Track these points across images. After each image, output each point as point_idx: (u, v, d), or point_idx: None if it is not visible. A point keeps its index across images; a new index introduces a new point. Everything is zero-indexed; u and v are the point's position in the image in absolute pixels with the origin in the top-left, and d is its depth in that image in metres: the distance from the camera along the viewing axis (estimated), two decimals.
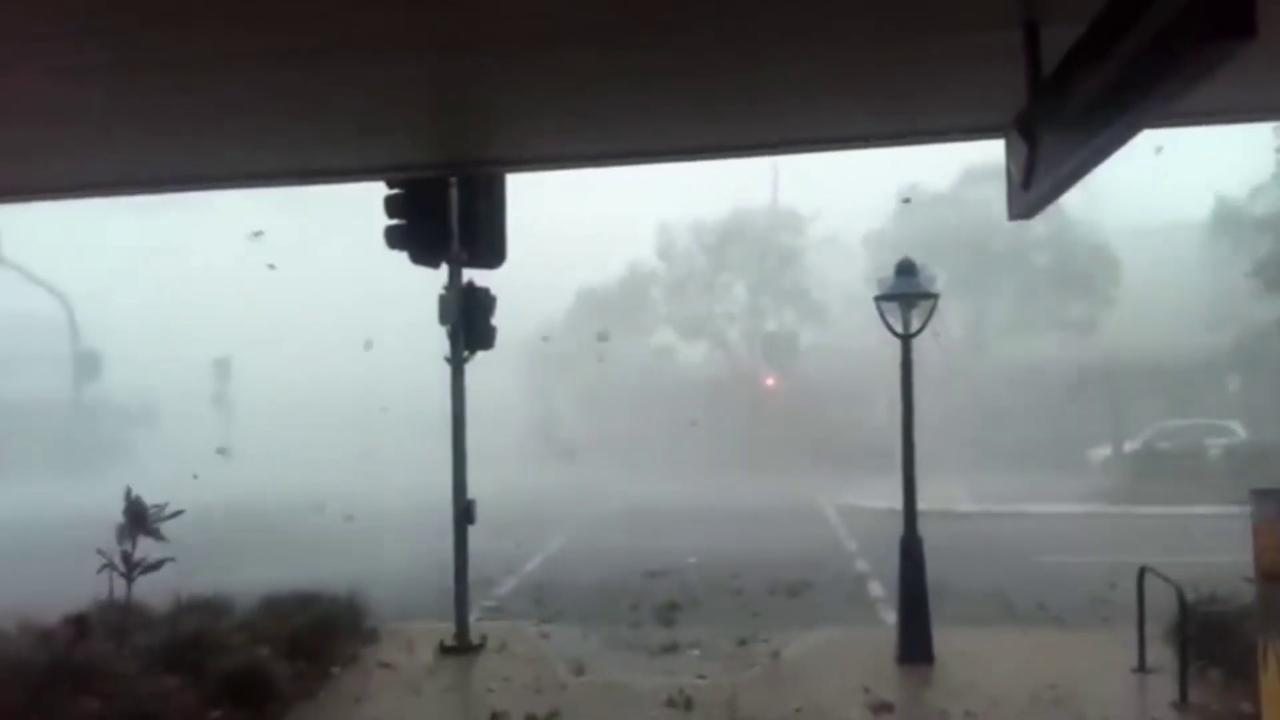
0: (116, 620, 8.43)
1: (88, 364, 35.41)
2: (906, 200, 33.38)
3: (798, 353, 37.40)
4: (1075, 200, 34.86)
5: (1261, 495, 5.24)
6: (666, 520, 20.70)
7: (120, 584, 8.79)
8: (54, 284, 37.38)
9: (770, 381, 37.65)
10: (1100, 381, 28.37)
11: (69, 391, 35.42)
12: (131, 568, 8.88)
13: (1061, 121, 3.61)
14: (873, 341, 8.35)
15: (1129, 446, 24.86)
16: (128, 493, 9.27)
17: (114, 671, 7.06)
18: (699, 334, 41.44)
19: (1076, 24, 3.43)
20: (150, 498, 9.26)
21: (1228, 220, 34.25)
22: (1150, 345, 29.03)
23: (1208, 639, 7.24)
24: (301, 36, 4.09)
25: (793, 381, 36.84)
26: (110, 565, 8.84)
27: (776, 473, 29.73)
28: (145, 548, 8.88)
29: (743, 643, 9.18)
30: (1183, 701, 6.86)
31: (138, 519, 8.89)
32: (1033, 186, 4.01)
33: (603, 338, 35.96)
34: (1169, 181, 33.69)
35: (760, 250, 41.32)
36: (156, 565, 8.87)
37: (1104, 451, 25.67)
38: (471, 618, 9.86)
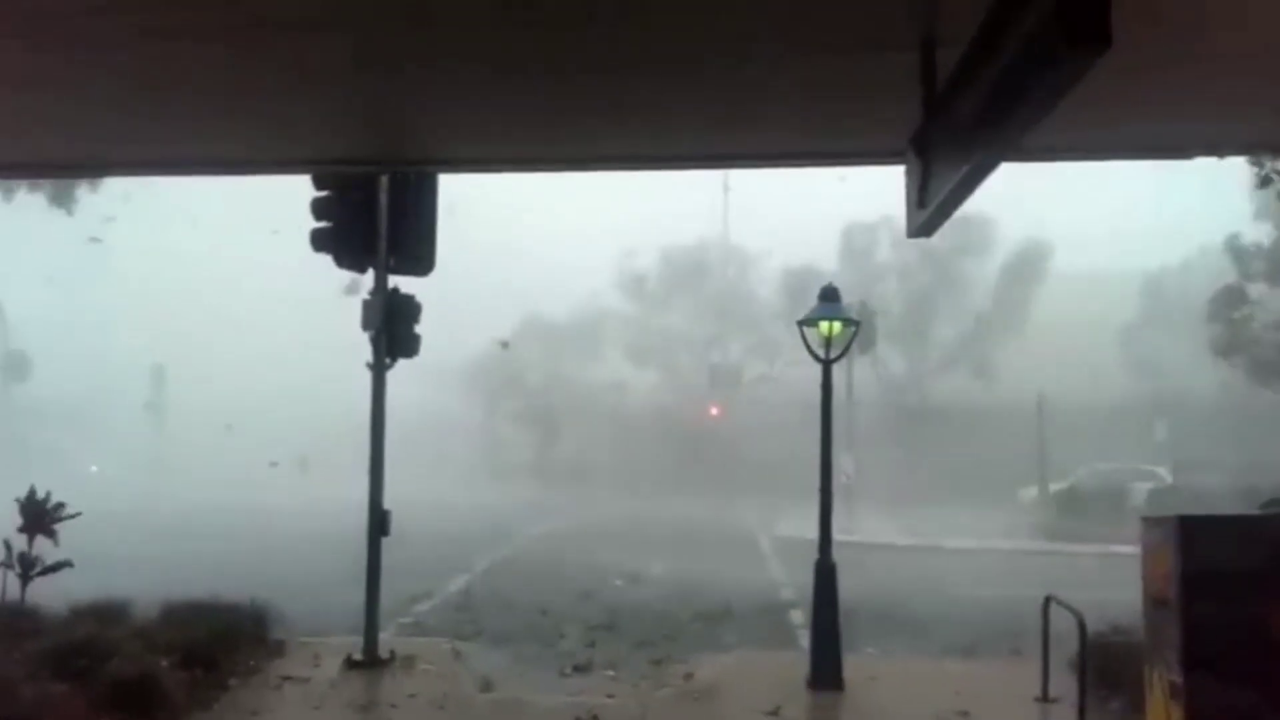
0: (7, 622, 8.10)
1: (15, 365, 34.32)
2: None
3: (742, 383, 37.63)
4: (1015, 244, 35.76)
5: (1150, 523, 5.29)
6: (599, 543, 20.56)
7: (17, 586, 8.49)
8: None
9: (714, 411, 37.75)
10: (1032, 423, 28.93)
11: None
12: (28, 568, 8.58)
13: (949, 140, 3.66)
14: (817, 373, 8.45)
15: (1055, 487, 25.36)
16: (30, 492, 8.99)
17: None
18: (649, 363, 41.70)
19: (966, 43, 3.48)
20: (72, 500, 9.01)
21: (1163, 275, 35.41)
22: (1079, 391, 29.71)
23: (1110, 669, 7.31)
24: (218, 11, 3.98)
25: (737, 411, 37.01)
26: (5, 564, 8.53)
27: (715, 500, 29.75)
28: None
29: (658, 663, 9.11)
30: None
31: (34, 519, 8.61)
32: (926, 205, 4.05)
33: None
34: (1114, 231, 34.75)
35: (709, 283, 41.88)
36: (54, 568, 8.60)
37: (1033, 491, 26.15)
38: (387, 634, 9.64)
